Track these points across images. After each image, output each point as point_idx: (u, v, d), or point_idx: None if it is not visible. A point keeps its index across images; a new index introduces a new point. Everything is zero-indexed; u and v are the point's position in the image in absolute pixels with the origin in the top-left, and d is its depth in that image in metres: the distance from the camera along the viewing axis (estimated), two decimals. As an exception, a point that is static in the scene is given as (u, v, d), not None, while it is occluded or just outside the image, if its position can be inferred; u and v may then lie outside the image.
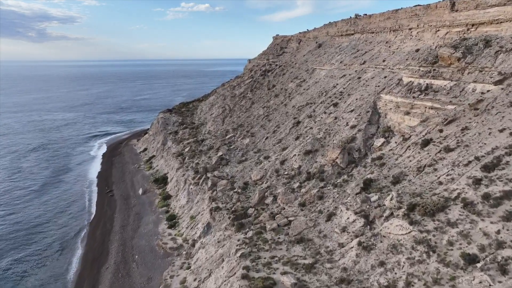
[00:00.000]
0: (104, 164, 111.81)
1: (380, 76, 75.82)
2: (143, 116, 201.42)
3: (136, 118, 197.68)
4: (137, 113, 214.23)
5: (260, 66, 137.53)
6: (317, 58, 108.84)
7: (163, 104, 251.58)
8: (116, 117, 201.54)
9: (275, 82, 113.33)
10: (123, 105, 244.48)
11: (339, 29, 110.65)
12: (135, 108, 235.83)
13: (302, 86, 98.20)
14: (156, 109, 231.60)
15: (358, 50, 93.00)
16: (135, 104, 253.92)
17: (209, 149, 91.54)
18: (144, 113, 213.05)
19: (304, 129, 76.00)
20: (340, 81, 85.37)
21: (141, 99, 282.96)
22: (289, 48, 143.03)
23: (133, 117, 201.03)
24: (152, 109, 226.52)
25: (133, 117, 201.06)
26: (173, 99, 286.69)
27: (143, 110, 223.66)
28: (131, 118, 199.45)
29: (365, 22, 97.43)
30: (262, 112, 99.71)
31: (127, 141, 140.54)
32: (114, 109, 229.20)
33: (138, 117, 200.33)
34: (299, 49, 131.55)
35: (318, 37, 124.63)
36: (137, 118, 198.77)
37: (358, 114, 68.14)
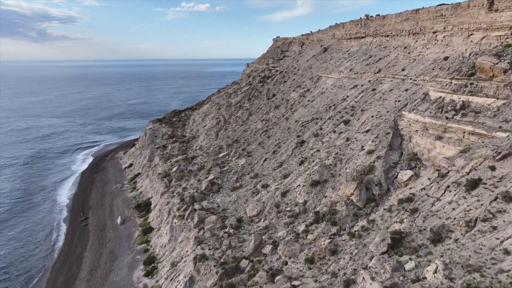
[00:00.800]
0: (84, 182, 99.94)
1: (399, 89, 63.89)
2: (136, 123, 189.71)
3: (128, 125, 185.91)
4: (130, 120, 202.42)
5: (259, 71, 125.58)
6: (322, 64, 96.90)
7: (158, 109, 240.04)
8: (108, 123, 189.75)
9: (275, 90, 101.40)
10: (116, 111, 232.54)
11: (347, 31, 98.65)
12: (128, 113, 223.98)
13: (306, 97, 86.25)
14: (150, 115, 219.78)
15: (371, 56, 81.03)
16: (129, 109, 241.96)
17: (200, 169, 79.70)
18: (137, 119, 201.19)
19: (310, 151, 64.06)
20: (351, 92, 73.42)
21: (136, 103, 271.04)
22: (290, 52, 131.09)
23: (125, 124, 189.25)
24: (146, 115, 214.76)
25: (126, 124, 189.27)
26: (169, 103, 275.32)
27: (137, 116, 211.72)
28: (123, 125, 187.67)
29: (378, 24, 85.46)
30: (261, 126, 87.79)
31: (114, 153, 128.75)
32: (107, 114, 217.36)
33: (131, 124, 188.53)
34: (302, 53, 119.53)
35: (323, 40, 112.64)
36: (129, 125, 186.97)
37: (376, 136, 56.27)
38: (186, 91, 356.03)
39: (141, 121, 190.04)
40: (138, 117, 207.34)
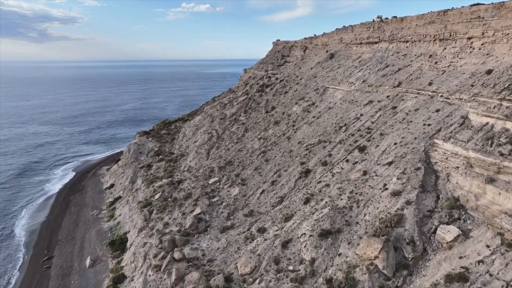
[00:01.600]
0: (58, 206, 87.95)
1: (428, 109, 51.76)
2: (127, 131, 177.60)
3: (119, 134, 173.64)
4: (122, 127, 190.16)
5: (257, 78, 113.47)
6: (329, 72, 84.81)
7: (152, 115, 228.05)
8: (98, 132, 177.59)
9: (275, 102, 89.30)
10: (109, 117, 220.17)
11: (358, 35, 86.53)
12: (121, 120, 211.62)
13: (310, 112, 74.13)
14: (143, 121, 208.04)
15: (388, 65, 68.91)
16: (122, 115, 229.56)
17: (186, 198, 67.70)
18: (129, 127, 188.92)
19: (317, 186, 51.95)
20: (366, 110, 61.29)
21: (131, 108, 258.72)
22: (292, 57, 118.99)
23: (116, 133, 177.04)
24: (139, 122, 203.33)
25: (116, 133, 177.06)
26: (164, 108, 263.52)
27: (129, 124, 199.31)
28: (114, 133, 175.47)
29: (395, 28, 73.32)
30: (258, 145, 75.70)
31: (97, 169, 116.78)
32: (98, 122, 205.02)
33: (122, 133, 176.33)
34: (304, 59, 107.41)
35: (329, 45, 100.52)
36: (120, 134, 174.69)
37: (402, 171, 44.18)
38: (183, 95, 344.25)
39: (133, 129, 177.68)
40: (130, 125, 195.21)
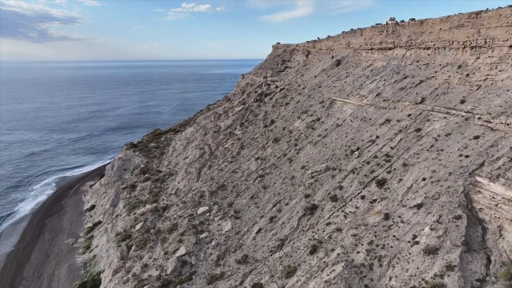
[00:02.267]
0: (30, 231, 78.22)
1: (463, 134, 41.96)
2: (119, 139, 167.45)
3: (110, 143, 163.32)
4: (114, 135, 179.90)
5: (255, 86, 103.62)
6: (336, 82, 74.97)
7: (147, 120, 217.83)
8: (88, 140, 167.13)
9: (275, 115, 79.42)
10: (101, 123, 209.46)
11: (368, 40, 76.67)
12: (114, 126, 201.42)
13: (315, 130, 64.26)
14: (136, 128, 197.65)
15: (406, 76, 59.08)
16: (117, 120, 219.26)
17: (171, 231, 58.07)
18: (121, 134, 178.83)
19: (326, 228, 42.18)
20: (382, 131, 51.47)
21: (125, 113, 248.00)
22: (293, 62, 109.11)
23: (107, 141, 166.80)
24: (132, 128, 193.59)
25: (108, 141, 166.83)
26: (160, 112, 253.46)
27: (122, 131, 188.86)
28: (105, 142, 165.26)
29: (413, 32, 63.44)
30: (255, 166, 65.89)
31: (80, 184, 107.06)
32: (90, 128, 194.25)
33: (114, 141, 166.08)
34: (307, 65, 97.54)
35: (335, 50, 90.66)
36: (112, 142, 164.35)
37: (437, 218, 34.61)
38: (180, 98, 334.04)
39: (125, 138, 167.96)
40: (123, 132, 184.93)
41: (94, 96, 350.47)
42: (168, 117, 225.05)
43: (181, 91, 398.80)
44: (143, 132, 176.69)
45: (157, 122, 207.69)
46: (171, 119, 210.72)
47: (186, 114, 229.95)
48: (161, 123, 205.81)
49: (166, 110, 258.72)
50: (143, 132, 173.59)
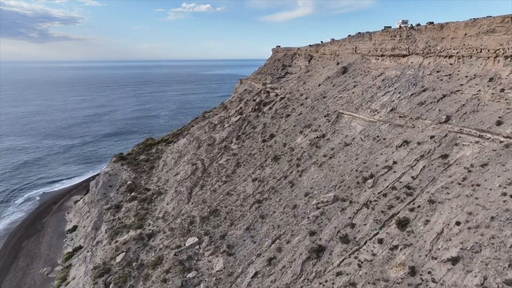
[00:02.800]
0: (3, 257, 70.64)
1: (505, 166, 34.31)
2: (113, 146, 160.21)
3: (104, 150, 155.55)
4: (108, 141, 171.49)
5: (253, 93, 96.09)
6: (342, 92, 67.35)
7: (144, 125, 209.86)
8: (80, 148, 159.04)
9: (274, 128, 71.78)
10: (95, 128, 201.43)
11: (378, 45, 69.05)
12: (109, 131, 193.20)
13: (320, 148, 56.65)
14: (132, 133, 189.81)
15: (425, 88, 51.46)
16: (112, 125, 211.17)
17: (155, 266, 50.64)
18: (116, 141, 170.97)
19: (336, 280, 34.57)
20: (400, 154, 43.86)
21: (122, 117, 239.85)
22: (295, 67, 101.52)
23: (100, 148, 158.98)
24: (128, 134, 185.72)
25: (101, 148, 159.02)
26: (157, 116, 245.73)
27: (117, 137, 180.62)
28: (98, 149, 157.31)
29: (431, 37, 55.82)
30: (252, 189, 58.34)
31: (66, 198, 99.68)
32: (83, 134, 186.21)
33: (107, 147, 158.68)
34: (310, 72, 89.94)
35: (340, 55, 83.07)
36: (105, 149, 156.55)
37: (481, 281, 26.90)
38: (178, 100, 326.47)
39: (119, 145, 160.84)
40: (117, 139, 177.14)
41: (91, 99, 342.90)
42: (165, 122, 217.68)
43: (179, 93, 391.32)
44: (138, 138, 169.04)
45: (153, 128, 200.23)
46: (168, 124, 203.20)
47: (183, 119, 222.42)
48: (157, 128, 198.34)
49: (163, 113, 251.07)
50: (138, 139, 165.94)
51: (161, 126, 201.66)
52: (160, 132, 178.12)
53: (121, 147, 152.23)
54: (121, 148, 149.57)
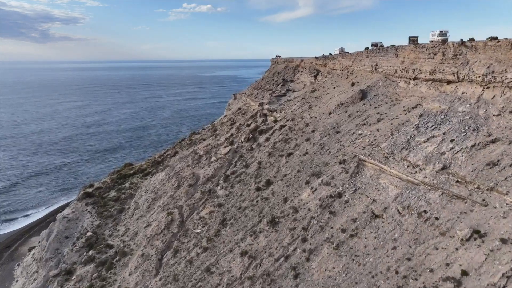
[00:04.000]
0: None
1: None
2: (92, 168, 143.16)
3: (81, 172, 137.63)
4: (90, 161, 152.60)
5: (248, 115, 79.59)
6: (362, 128, 50.69)
7: (131, 138, 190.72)
8: (57, 169, 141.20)
9: (272, 171, 55.16)
10: (80, 143, 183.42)
11: (409, 64, 52.35)
12: (92, 147, 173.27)
13: (336, 216, 40.06)
14: (117, 150, 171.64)
15: (495, 138, 34.52)
16: (97, 139, 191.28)
17: None
18: (98, 162, 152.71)
19: None
20: (471, 256, 27.34)
21: (110, 128, 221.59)
22: (297, 83, 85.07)
23: (79, 169, 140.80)
24: (112, 152, 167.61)
25: (79, 169, 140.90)
26: (148, 126, 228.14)
27: (99, 157, 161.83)
28: (75, 171, 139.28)
29: (497, 59, 39.08)
30: (239, 269, 41.82)
31: (24, 240, 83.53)
32: (64, 151, 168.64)
33: (87, 169, 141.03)
34: (317, 91, 73.30)
35: (355, 73, 66.46)
36: (83, 171, 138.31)
37: None
38: (174, 108, 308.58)
39: (100, 167, 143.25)
40: (99, 160, 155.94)
41: (83, 106, 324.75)
42: (156, 134, 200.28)
43: (176, 98, 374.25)
44: (122, 157, 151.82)
45: (141, 143, 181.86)
46: (158, 138, 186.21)
47: (175, 131, 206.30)
48: (146, 142, 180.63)
49: (155, 124, 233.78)
50: (122, 158, 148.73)
51: (151, 139, 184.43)
52: (148, 149, 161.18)
53: (103, 169, 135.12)
54: (99, 171, 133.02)
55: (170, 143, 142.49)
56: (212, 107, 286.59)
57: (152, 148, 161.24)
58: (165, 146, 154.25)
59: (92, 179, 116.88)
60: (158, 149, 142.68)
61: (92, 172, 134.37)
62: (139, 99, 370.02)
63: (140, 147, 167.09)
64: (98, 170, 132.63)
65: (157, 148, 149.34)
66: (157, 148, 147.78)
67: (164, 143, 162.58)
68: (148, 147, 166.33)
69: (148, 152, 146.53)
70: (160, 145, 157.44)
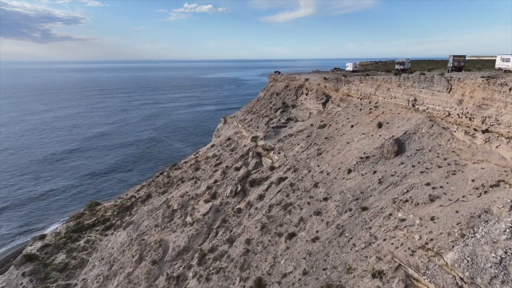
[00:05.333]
0: None
1: None
2: (62, 199, 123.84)
3: (47, 204, 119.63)
4: (61, 190, 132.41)
5: (238, 153, 61.75)
6: (403, 206, 32.85)
7: (112, 158, 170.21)
8: (22, 202, 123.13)
9: (266, 264, 37.45)
10: (58, 159, 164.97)
11: (473, 107, 34.29)
12: (71, 164, 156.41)
13: None
14: (94, 175, 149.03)
15: None
16: (77, 161, 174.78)
17: None
18: (69, 194, 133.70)
19: None
20: None
21: (96, 144, 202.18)
22: (301, 110, 67.24)
23: (45, 202, 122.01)
24: (89, 176, 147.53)
25: (46, 201, 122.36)
26: (139, 139, 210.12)
27: (72, 186, 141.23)
28: (39, 205, 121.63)
29: None
30: None
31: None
32: (38, 177, 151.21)
33: (56, 201, 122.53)
34: (328, 127, 55.34)
35: (381, 106, 48.50)
36: (50, 204, 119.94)
37: None
38: (166, 117, 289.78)
39: (73, 195, 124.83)
40: (71, 192, 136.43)
41: (73, 115, 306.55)
42: (143, 152, 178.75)
43: (170, 104, 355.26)
44: (99, 186, 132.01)
45: (123, 166, 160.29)
46: (143, 158, 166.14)
47: (165, 147, 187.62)
48: (127, 167, 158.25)
49: (143, 137, 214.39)
50: (97, 188, 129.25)
51: (135, 160, 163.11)
52: (129, 176, 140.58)
53: (71, 201, 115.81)
54: (69, 203, 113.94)
55: (156, 168, 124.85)
56: (208, 118, 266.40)
57: (134, 175, 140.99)
58: (151, 169, 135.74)
59: (57, 217, 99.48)
60: (140, 176, 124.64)
61: (60, 205, 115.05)
62: (133, 106, 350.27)
63: (122, 170, 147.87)
64: (67, 203, 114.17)
65: (139, 176, 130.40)
66: (140, 175, 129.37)
67: (151, 167, 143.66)
68: (130, 174, 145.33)
69: (129, 180, 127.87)
70: (145, 170, 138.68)
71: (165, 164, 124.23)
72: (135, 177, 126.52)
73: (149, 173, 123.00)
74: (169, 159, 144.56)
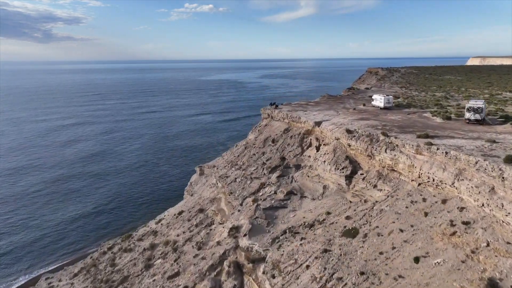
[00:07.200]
0: None
1: None
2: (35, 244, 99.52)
3: (10, 250, 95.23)
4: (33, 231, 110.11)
5: (207, 258, 37.90)
6: None
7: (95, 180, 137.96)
8: None
9: None
10: (34, 200, 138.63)
11: None
12: (45, 199, 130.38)
13: None
14: (76, 201, 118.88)
15: None
16: (57, 187, 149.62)
17: None
18: (41, 232, 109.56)
19: None
20: None
21: (78, 161, 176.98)
22: (310, 178, 43.11)
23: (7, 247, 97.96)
24: (72, 203, 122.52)
25: (8, 247, 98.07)
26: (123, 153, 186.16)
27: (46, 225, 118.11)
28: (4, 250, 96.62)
29: None
30: None
31: None
32: (8, 215, 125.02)
33: (16, 247, 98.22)
34: (362, 241, 31.52)
35: (477, 228, 24.69)
36: (12, 250, 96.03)
37: None
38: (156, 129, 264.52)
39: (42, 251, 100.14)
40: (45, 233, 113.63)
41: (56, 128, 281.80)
42: (127, 168, 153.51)
43: (163, 112, 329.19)
44: (76, 218, 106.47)
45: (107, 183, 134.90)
46: (120, 195, 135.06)
47: (149, 173, 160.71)
48: (96, 199, 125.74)
49: (134, 146, 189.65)
50: (76, 219, 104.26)
51: (106, 203, 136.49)
52: (90, 227, 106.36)
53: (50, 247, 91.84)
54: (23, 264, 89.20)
55: (131, 213, 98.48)
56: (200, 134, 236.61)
57: (104, 228, 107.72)
58: (120, 222, 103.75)
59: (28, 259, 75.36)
60: (108, 234, 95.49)
61: (20, 256, 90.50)
62: (125, 112, 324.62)
63: (98, 196, 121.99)
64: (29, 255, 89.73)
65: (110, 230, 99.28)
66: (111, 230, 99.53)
67: (121, 214, 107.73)
68: (102, 226, 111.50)
69: (97, 234, 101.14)
70: (112, 222, 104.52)
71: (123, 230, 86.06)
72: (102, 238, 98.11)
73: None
74: (132, 220, 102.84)
